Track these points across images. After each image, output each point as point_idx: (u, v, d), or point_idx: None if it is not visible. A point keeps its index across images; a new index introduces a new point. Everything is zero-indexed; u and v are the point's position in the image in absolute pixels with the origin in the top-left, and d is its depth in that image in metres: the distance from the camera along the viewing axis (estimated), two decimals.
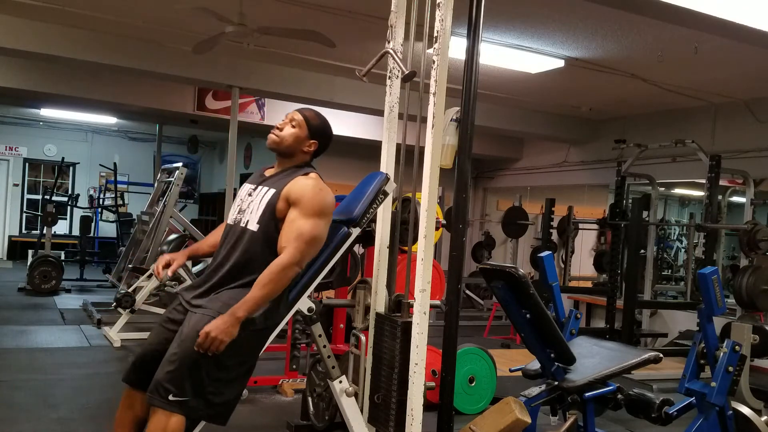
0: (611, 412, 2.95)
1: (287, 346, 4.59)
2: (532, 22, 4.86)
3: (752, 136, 6.53)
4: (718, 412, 2.82)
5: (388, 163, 2.87)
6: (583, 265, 9.51)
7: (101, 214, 11.86)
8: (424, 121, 2.57)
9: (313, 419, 3.52)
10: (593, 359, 2.91)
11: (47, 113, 10.80)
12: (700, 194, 8.29)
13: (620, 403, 2.86)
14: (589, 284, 9.44)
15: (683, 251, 10.68)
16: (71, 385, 4.38)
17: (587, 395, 2.77)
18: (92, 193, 12.94)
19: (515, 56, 5.57)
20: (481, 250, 9.83)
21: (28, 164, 12.77)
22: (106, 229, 12.15)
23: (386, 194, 2.77)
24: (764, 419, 2.99)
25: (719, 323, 4.24)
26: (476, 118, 2.68)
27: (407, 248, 2.82)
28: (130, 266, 7.12)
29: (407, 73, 2.62)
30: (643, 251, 6.51)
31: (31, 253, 9.52)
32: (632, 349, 3.33)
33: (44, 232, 8.61)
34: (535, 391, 2.81)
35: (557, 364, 2.82)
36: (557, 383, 2.80)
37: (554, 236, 8.12)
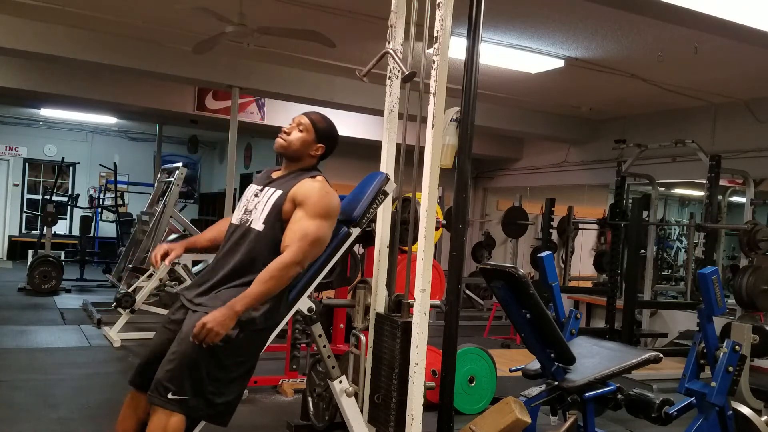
0: (611, 412, 2.95)
1: (287, 346, 4.59)
2: (532, 22, 4.86)
3: (752, 136, 6.53)
4: (718, 412, 2.82)
5: (388, 163, 2.87)
6: (583, 265, 9.51)
7: (101, 214, 11.86)
8: (424, 121, 2.57)
9: (313, 419, 3.52)
10: (593, 359, 2.91)
11: (47, 113, 10.80)
12: (700, 194, 8.29)
13: (620, 403, 2.86)
14: (589, 284, 9.43)
15: (683, 251, 10.68)
16: (71, 385, 4.38)
17: (587, 395, 2.77)
18: (92, 193, 12.93)
19: (515, 56, 5.57)
20: (481, 250, 9.83)
21: (28, 164, 12.77)
22: (106, 229, 12.15)
23: (386, 194, 2.76)
24: (764, 419, 2.99)
25: (719, 323, 4.24)
26: (476, 118, 2.68)
27: (407, 248, 2.82)
28: (130, 266, 7.12)
29: (408, 73, 2.62)
30: (643, 251, 6.51)
31: (31, 253, 9.51)
32: (632, 349, 3.33)
33: (44, 232, 8.61)
34: (535, 391, 2.81)
35: (557, 364, 2.82)
36: (557, 383, 2.80)
37: (554, 236, 8.12)
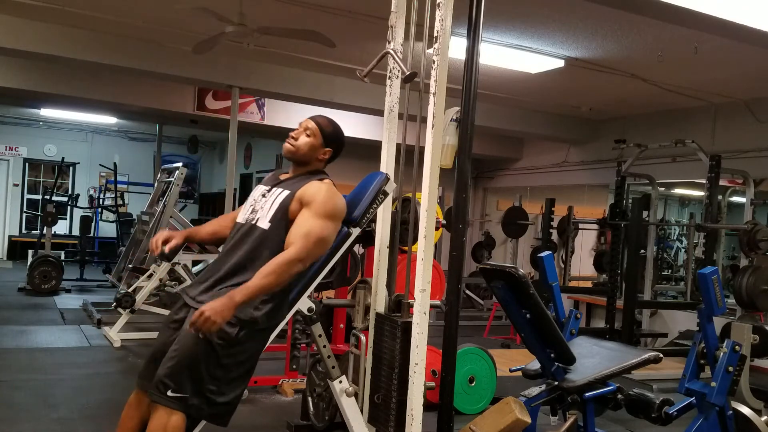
0: (611, 412, 2.95)
1: (287, 346, 4.60)
2: (532, 22, 4.86)
3: (752, 136, 6.53)
4: (718, 412, 2.82)
5: (388, 163, 2.87)
6: (583, 265, 9.51)
7: (101, 214, 11.86)
8: (424, 121, 2.57)
9: (313, 419, 3.52)
10: (593, 359, 2.91)
11: (47, 113, 10.80)
12: (700, 194, 8.28)
13: (620, 403, 2.86)
14: (589, 284, 9.43)
15: (683, 251, 10.68)
16: (71, 385, 4.38)
17: (587, 395, 2.77)
18: (92, 193, 12.93)
19: (515, 56, 5.57)
20: (481, 250, 9.83)
21: (28, 164, 12.77)
22: (106, 229, 12.15)
23: (386, 194, 2.76)
24: (764, 419, 2.99)
25: (719, 323, 4.24)
26: (476, 118, 2.68)
27: (407, 248, 2.82)
28: (130, 266, 7.12)
29: (408, 74, 2.62)
30: (643, 251, 6.50)
31: (31, 253, 9.51)
32: (632, 349, 3.33)
33: (44, 232, 8.61)
34: (535, 391, 2.81)
35: (557, 364, 2.82)
36: (557, 383, 2.80)
37: (554, 236, 8.11)
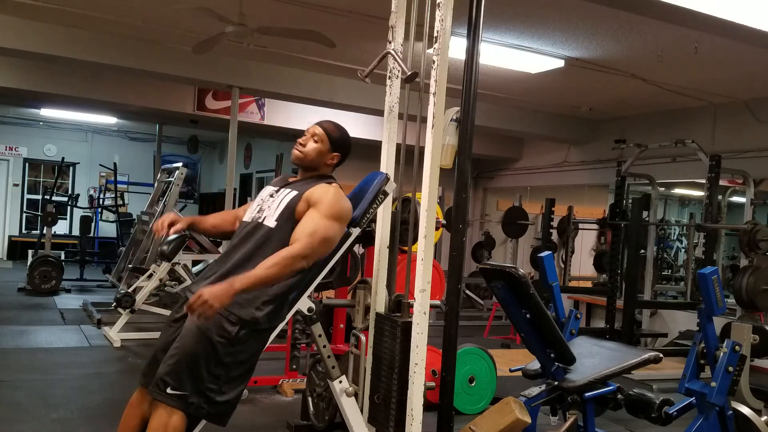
0: (611, 412, 2.95)
1: (287, 346, 4.59)
2: (532, 22, 4.86)
3: (752, 136, 6.53)
4: (718, 412, 2.82)
5: (388, 163, 2.87)
6: (583, 265, 9.51)
7: (101, 214, 11.86)
8: (424, 121, 2.57)
9: (313, 419, 3.52)
10: (593, 359, 2.91)
11: (47, 113, 10.80)
12: (700, 194, 8.29)
13: (620, 403, 2.86)
14: (589, 284, 9.43)
15: (683, 251, 10.68)
16: (71, 385, 4.38)
17: (587, 395, 2.76)
18: (92, 193, 12.93)
19: (515, 56, 5.57)
20: (481, 250, 9.82)
21: (28, 164, 12.76)
22: (106, 229, 12.14)
23: (386, 194, 2.77)
24: (764, 419, 2.99)
25: (719, 323, 4.24)
26: (476, 118, 2.68)
27: (407, 248, 2.82)
28: (130, 266, 7.12)
29: (409, 74, 2.62)
30: (643, 251, 6.50)
31: (31, 253, 9.51)
32: (632, 349, 3.33)
33: (44, 232, 8.60)
34: (535, 391, 2.80)
35: (557, 364, 2.81)
36: (557, 383, 2.80)
37: (554, 236, 8.11)
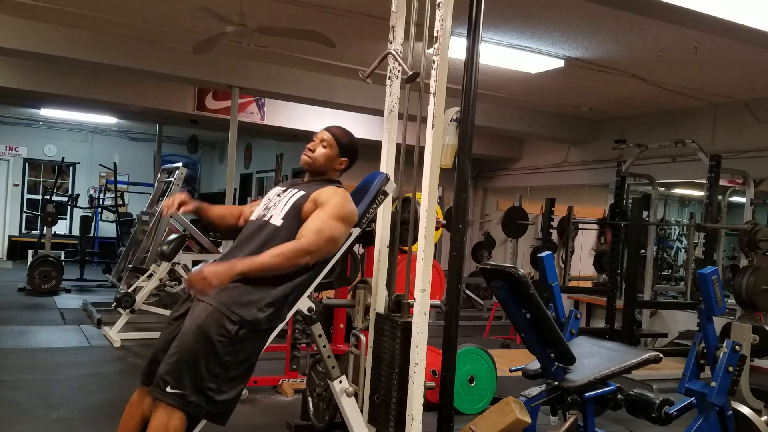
0: (611, 412, 2.95)
1: (287, 346, 4.59)
2: (532, 22, 4.85)
3: (752, 136, 6.53)
4: (718, 412, 2.82)
5: (388, 163, 2.87)
6: (583, 265, 9.51)
7: (101, 214, 11.86)
8: (424, 121, 2.57)
9: (313, 419, 3.52)
10: (593, 359, 2.91)
11: (47, 113, 10.80)
12: (700, 194, 8.28)
13: (620, 403, 2.86)
14: (589, 284, 9.42)
15: (683, 251, 10.68)
16: (71, 385, 4.38)
17: (587, 395, 2.76)
18: (92, 193, 12.94)
19: (515, 56, 5.57)
20: (481, 250, 9.82)
21: (28, 164, 12.77)
22: (106, 229, 12.15)
23: (386, 194, 2.77)
24: (764, 419, 2.98)
25: (719, 323, 4.24)
26: (476, 118, 2.68)
27: (407, 248, 2.82)
28: (130, 266, 7.12)
29: (410, 74, 2.62)
30: (643, 251, 6.50)
31: (31, 253, 9.51)
32: (632, 349, 3.33)
33: (44, 232, 8.60)
34: (535, 391, 2.80)
35: (557, 364, 2.81)
36: (557, 383, 2.80)
37: (554, 236, 8.11)
